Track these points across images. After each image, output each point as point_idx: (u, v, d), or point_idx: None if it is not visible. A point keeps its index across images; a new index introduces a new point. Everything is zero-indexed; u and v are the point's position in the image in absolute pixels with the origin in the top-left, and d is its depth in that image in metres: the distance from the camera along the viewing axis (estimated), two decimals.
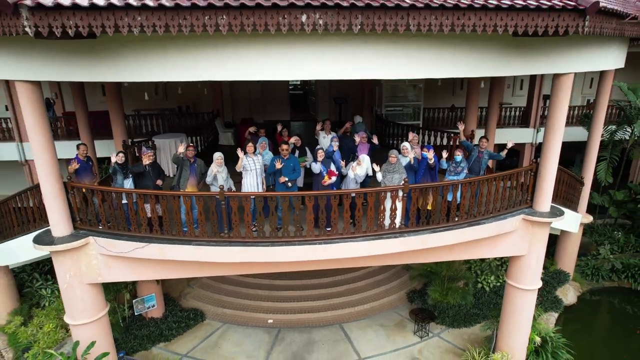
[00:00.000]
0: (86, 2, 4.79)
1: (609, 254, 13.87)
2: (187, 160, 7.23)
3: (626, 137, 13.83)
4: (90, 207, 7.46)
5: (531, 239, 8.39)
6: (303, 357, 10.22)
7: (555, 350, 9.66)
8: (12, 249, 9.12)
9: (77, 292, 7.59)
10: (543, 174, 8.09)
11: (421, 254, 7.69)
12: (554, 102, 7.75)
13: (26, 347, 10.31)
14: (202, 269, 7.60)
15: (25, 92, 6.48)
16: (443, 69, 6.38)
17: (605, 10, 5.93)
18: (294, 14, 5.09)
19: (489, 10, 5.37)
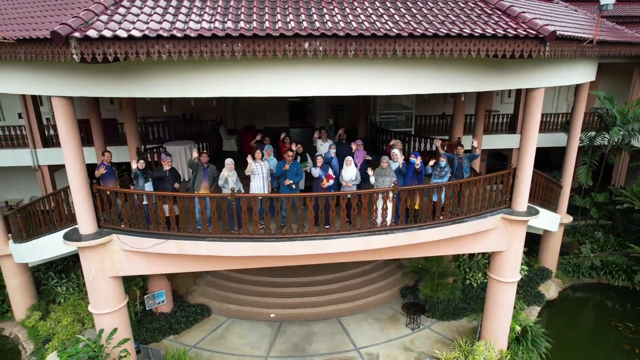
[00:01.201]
0: (125, 34, 5.77)
1: (590, 253, 14.92)
2: (201, 165, 8.21)
3: (605, 142, 14.89)
4: (113, 208, 8.41)
5: (510, 236, 9.39)
6: (303, 347, 11.13)
7: (535, 339, 10.63)
8: (37, 247, 10.05)
9: (101, 284, 8.51)
10: (520, 177, 9.10)
11: (410, 248, 8.68)
12: (528, 113, 8.80)
13: (46, 339, 11.19)
14: (214, 263, 8.55)
15: (60, 106, 7.44)
16: (427, 86, 7.39)
17: (563, 37, 6.97)
18: (298, 42, 6.09)
19: (463, 38, 6.39)
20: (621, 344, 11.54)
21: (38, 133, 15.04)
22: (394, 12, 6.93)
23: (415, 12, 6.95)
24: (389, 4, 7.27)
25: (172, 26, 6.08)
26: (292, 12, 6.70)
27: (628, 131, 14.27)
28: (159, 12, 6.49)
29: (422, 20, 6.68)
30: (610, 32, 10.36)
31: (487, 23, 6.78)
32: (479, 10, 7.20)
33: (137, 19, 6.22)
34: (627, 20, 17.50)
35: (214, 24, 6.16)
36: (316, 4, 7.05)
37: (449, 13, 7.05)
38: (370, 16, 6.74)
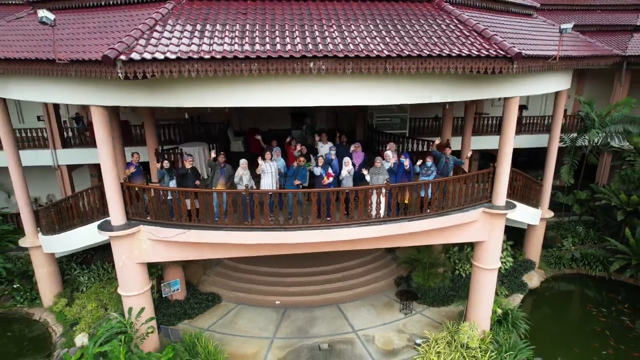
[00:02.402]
0: (162, 56, 7.07)
1: (571, 246, 16.30)
2: (219, 164, 9.51)
3: (585, 143, 16.23)
4: (140, 202, 9.71)
5: (490, 227, 10.71)
6: (306, 330, 12.44)
7: (515, 321, 11.95)
8: (68, 238, 11.34)
9: (129, 269, 9.81)
10: (498, 175, 10.43)
11: (401, 238, 10.00)
12: (505, 118, 10.13)
13: (73, 323, 12.50)
14: (229, 250, 9.86)
15: (98, 114, 8.73)
16: (414, 97, 8.71)
17: (529, 56, 8.29)
18: (304, 62, 7.40)
19: (443, 57, 7.70)
20: (594, 326, 12.89)
21: (58, 135, 16.30)
22: (385, 35, 8.25)
23: (404, 35, 8.26)
24: (381, 27, 8.58)
25: (199, 48, 7.39)
26: (299, 35, 8.01)
27: (606, 133, 15.61)
28: (186, 35, 7.79)
29: (409, 42, 8.00)
30: (580, 46, 11.66)
31: (464, 44, 8.10)
32: (458, 32, 8.51)
33: (169, 42, 7.52)
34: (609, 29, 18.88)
35: (234, 46, 7.47)
36: (319, 27, 8.35)
37: (432, 35, 8.37)
38: (365, 38, 8.05)
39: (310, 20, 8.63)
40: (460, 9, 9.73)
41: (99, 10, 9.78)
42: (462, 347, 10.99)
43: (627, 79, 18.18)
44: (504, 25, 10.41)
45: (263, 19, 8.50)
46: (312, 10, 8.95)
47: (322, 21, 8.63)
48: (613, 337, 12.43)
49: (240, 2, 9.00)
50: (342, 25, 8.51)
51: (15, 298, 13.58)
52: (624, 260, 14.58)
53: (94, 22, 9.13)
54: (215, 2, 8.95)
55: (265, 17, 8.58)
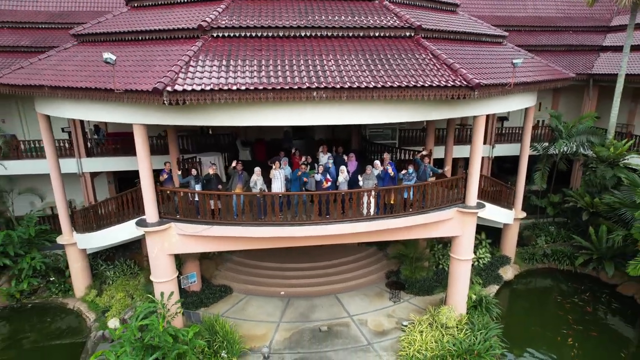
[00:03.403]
0: (199, 87, 9.30)
1: (544, 244, 18.58)
2: (237, 172, 11.73)
3: (555, 152, 18.54)
4: (171, 203, 11.89)
5: (464, 224, 12.95)
6: (308, 315, 14.58)
7: (488, 306, 14.14)
8: (103, 235, 13.48)
9: (161, 260, 11.96)
10: (469, 180, 12.68)
11: (387, 232, 12.21)
12: (474, 132, 12.41)
13: (104, 310, 14.58)
14: (245, 243, 12.04)
15: (139, 130, 10.93)
16: (397, 117, 10.97)
17: (487, 85, 10.57)
18: (309, 92, 9.65)
19: (418, 88, 9.98)
20: (558, 312, 15.12)
21: (83, 145, 18.42)
22: (373, 68, 10.52)
23: (387, 68, 10.53)
24: (370, 60, 10.85)
25: (227, 81, 9.63)
26: (304, 68, 10.27)
27: (573, 143, 17.94)
28: (215, 69, 10.02)
29: (392, 74, 10.27)
30: (539, 71, 13.94)
31: (435, 75, 10.38)
32: (432, 66, 10.78)
33: (203, 75, 9.74)
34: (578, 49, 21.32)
35: (254, 79, 9.72)
36: (319, 61, 10.59)
37: (410, 68, 10.64)
38: (357, 71, 10.32)
39: (312, 54, 10.88)
40: (436, 43, 12.03)
41: (137, 44, 12.00)
42: (442, 327, 13.16)
43: (594, 93, 20.62)
44: (474, 55, 12.71)
45: (275, 54, 10.75)
46: (313, 46, 11.21)
47: (322, 55, 10.89)
48: (574, 320, 14.67)
49: (256, 40, 11.25)
50: (338, 59, 10.76)
51: (51, 290, 15.66)
52: (587, 255, 16.85)
53: (135, 55, 11.33)
54: (235, 40, 11.19)
55: (277, 53, 10.82)
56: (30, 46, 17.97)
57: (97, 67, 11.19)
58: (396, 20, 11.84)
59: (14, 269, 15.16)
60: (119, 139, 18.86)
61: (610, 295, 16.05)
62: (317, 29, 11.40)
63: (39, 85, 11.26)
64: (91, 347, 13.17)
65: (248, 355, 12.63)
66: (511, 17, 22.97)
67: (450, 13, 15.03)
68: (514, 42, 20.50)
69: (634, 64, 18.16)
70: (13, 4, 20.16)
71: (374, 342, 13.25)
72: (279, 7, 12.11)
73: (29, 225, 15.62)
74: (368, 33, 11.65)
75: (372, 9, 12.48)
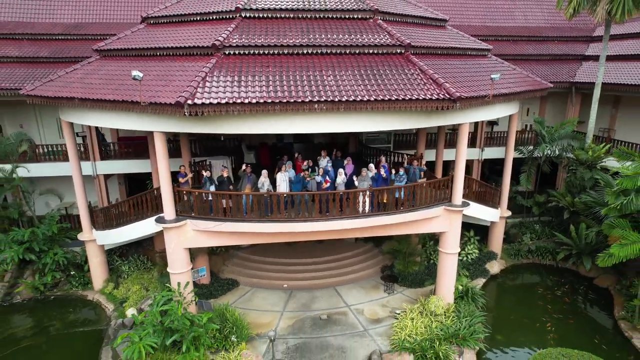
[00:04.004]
0: (215, 101, 10.86)
1: (529, 241, 20.16)
2: (246, 174, 13.28)
3: (539, 155, 20.13)
4: (187, 202, 13.43)
5: (450, 221, 14.51)
6: (309, 306, 16.11)
7: (474, 296, 15.69)
8: (122, 232, 15.01)
9: (177, 253, 13.49)
10: (455, 181, 14.25)
11: (381, 228, 13.76)
12: (459, 138, 13.96)
13: (122, 301, 16.09)
14: (254, 238, 13.59)
15: (159, 137, 12.48)
16: (389, 125, 12.54)
17: (468, 97, 12.14)
18: (311, 104, 11.21)
19: (406, 100, 11.55)
20: (539, 302, 16.69)
21: (97, 148, 19.94)
22: (367, 82, 12.08)
23: (380, 82, 12.10)
24: (364, 75, 12.41)
25: (239, 95, 11.18)
26: (307, 82, 11.83)
27: (555, 147, 19.53)
28: (228, 85, 11.57)
29: (384, 88, 11.84)
30: (519, 82, 15.51)
31: (422, 89, 11.96)
32: (419, 80, 12.35)
33: (218, 90, 11.30)
34: (562, 58, 22.94)
35: (263, 93, 11.28)
36: (320, 76, 12.15)
37: (400, 82, 12.21)
38: (353, 85, 11.89)
39: (313, 70, 12.44)
40: (425, 59, 13.59)
41: (156, 60, 13.52)
42: (431, 315, 14.71)
43: (577, 100, 22.26)
44: (459, 69, 14.28)
45: (281, 70, 12.31)
46: (314, 62, 12.77)
47: (322, 71, 12.46)
48: (553, 310, 16.24)
49: (263, 57, 12.79)
50: (336, 74, 12.33)
51: (71, 283, 17.19)
52: (567, 251, 18.44)
53: (155, 70, 12.86)
54: (245, 57, 12.74)
55: (282, 68, 12.38)
56: (49, 57, 19.48)
57: (121, 81, 12.74)
58: (388, 38, 13.42)
59: (38, 263, 16.66)
60: (131, 144, 20.39)
61: (587, 287, 17.65)
62: (318, 47, 12.96)
63: (70, 97, 12.80)
64: (112, 333, 14.66)
65: (255, 340, 14.15)
66: (500, 27, 24.58)
67: (439, 28, 16.63)
68: (502, 52, 22.27)
69: (611, 73, 19.77)
70: (30, 16, 21.70)
71: (369, 329, 14.79)
72: (284, 26, 13.67)
73: (51, 223, 17.11)
74: (363, 50, 13.22)
75: (366, 27, 14.05)
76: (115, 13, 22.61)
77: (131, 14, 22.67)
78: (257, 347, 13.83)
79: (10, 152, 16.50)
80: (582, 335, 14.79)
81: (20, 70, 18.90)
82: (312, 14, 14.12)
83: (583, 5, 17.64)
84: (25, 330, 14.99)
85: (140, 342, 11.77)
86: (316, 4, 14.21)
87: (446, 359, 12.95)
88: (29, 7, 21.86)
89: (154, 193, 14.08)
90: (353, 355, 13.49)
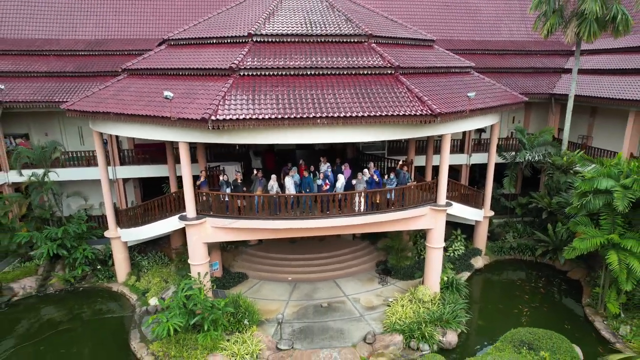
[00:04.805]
0: (235, 117, 13.27)
1: (512, 239, 22.56)
2: (258, 178, 15.71)
3: (521, 160, 22.56)
4: (206, 202, 15.83)
5: (435, 219, 16.92)
6: (311, 295, 18.47)
7: (458, 287, 18.06)
8: (143, 230, 17.40)
9: (198, 247, 15.86)
10: (439, 184, 16.67)
11: (375, 225, 16.18)
12: (442, 146, 16.39)
13: (144, 291, 18.44)
14: (264, 233, 16.01)
15: (184, 146, 14.90)
16: (380, 136, 14.99)
17: (447, 112, 14.55)
18: (315, 120, 13.63)
19: (394, 116, 13.98)
20: (516, 292, 19.08)
21: (117, 154, 22.33)
22: (362, 99, 14.51)
23: (372, 100, 14.52)
24: (359, 93, 14.83)
25: (254, 111, 13.59)
26: (311, 100, 14.24)
27: (535, 153, 21.96)
28: (244, 103, 13.98)
29: (375, 105, 14.27)
30: (497, 97, 17.98)
31: (408, 106, 14.38)
32: (406, 98, 14.78)
33: (236, 107, 13.71)
34: (543, 71, 25.43)
35: (273, 110, 13.69)
36: (322, 94, 14.58)
37: (389, 99, 14.64)
38: (349, 102, 14.31)
39: (316, 89, 14.86)
40: (412, 78, 16.03)
41: (179, 79, 15.93)
42: (419, 302, 17.09)
43: (557, 109, 24.76)
44: (443, 86, 16.72)
45: (288, 89, 14.72)
46: (317, 82, 15.18)
47: (323, 89, 14.88)
48: (530, 299, 18.63)
49: (273, 77, 15.19)
50: (335, 93, 14.75)
51: (97, 276, 19.56)
52: (544, 247, 20.86)
53: (180, 88, 15.24)
54: (258, 77, 15.14)
55: (290, 88, 14.79)
56: (75, 71, 21.93)
57: (150, 98, 15.16)
58: (380, 60, 15.86)
59: (68, 258, 19.01)
60: (147, 150, 22.79)
61: (561, 279, 20.06)
62: (320, 69, 15.39)
63: (106, 112, 15.21)
64: (138, 318, 17.01)
65: (265, 324, 16.50)
66: (487, 41, 27.11)
67: (427, 48, 19.11)
68: (489, 65, 24.80)
69: (585, 86, 22.26)
70: (55, 33, 24.17)
71: (365, 315, 17.15)
72: (290, 49, 16.09)
73: (80, 222, 19.48)
74: (358, 71, 15.66)
75: (361, 49, 16.49)
76: (132, 30, 25.09)
77: (146, 30, 25.16)
78: (266, 330, 16.17)
79: (44, 158, 18.83)
80: (553, 319, 17.12)
81: (49, 84, 21.34)
82: (314, 38, 16.55)
83: (556, 27, 20.12)
84: (61, 316, 17.34)
85: (168, 322, 14.12)
86: (318, 30, 16.65)
87: (431, 338, 15.33)
88: (54, 24, 24.36)
89: (176, 194, 16.48)
90: (350, 336, 15.83)
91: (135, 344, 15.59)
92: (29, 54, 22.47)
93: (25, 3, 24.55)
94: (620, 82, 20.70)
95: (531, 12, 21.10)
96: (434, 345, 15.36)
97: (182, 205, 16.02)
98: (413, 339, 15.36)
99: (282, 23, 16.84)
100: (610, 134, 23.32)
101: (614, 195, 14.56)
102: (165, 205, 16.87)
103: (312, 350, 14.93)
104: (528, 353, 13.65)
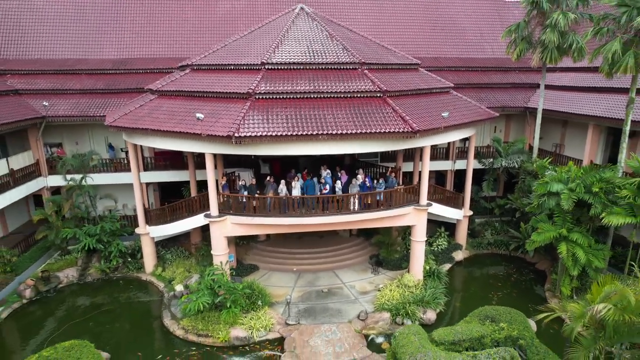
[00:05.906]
0: (253, 134, 17.18)
1: (490, 236, 26.49)
2: (270, 182, 19.61)
3: (498, 166, 26.48)
4: (226, 202, 19.71)
5: (418, 217, 20.82)
6: (314, 283, 22.35)
7: (439, 275, 21.94)
8: (171, 227, 21.28)
9: (220, 240, 19.74)
10: (421, 187, 20.58)
11: (367, 221, 20.11)
12: (423, 155, 20.30)
13: (170, 280, 22.29)
14: (275, 228, 19.93)
15: (209, 156, 18.80)
16: (369, 148, 18.88)
17: (425, 129, 18.44)
18: (317, 136, 17.54)
19: (381, 133, 17.90)
20: (490, 280, 22.98)
21: (141, 161, 26.17)
22: (355, 118, 18.41)
23: (363, 119, 18.43)
24: (352, 113, 18.73)
25: (268, 129, 17.48)
26: (314, 119, 18.14)
27: (509, 159, 25.89)
28: (260, 122, 17.85)
29: (366, 123, 18.17)
30: (472, 113, 21.88)
31: (393, 124, 18.28)
32: (392, 117, 18.68)
33: (254, 125, 17.59)
34: (520, 86, 29.38)
35: (284, 128, 17.58)
36: (322, 114, 18.47)
37: (377, 118, 18.54)
38: (345, 121, 18.20)
39: (318, 109, 18.76)
40: (397, 100, 19.93)
41: (203, 100, 19.78)
42: (405, 287, 20.97)
43: (532, 121, 28.69)
44: (424, 105, 20.63)
45: (295, 110, 18.60)
46: (318, 104, 19.07)
47: (323, 110, 18.78)
48: (502, 286, 22.51)
49: (283, 100, 19.06)
50: (333, 113, 18.65)
51: (128, 267, 23.45)
52: (517, 242, 24.78)
53: (205, 109, 19.09)
54: (270, 100, 19.00)
55: (296, 109, 18.67)
56: (104, 89, 25.83)
57: (181, 117, 19.04)
58: (371, 85, 19.77)
59: (104, 251, 22.86)
60: (168, 158, 26.63)
61: (530, 270, 23.98)
62: (321, 93, 19.29)
63: (144, 129, 19.07)
64: (167, 301, 20.85)
65: (275, 305, 20.36)
66: (472, 58, 31.09)
67: (412, 71, 23.06)
68: (473, 81, 28.79)
69: (554, 101, 26.21)
70: (82, 53, 28.08)
71: (359, 298, 21.04)
72: (295, 75, 19.98)
73: (114, 221, 23.34)
74: (353, 95, 19.57)
75: (355, 75, 20.40)
76: (151, 49, 29.02)
77: (163, 50, 29.08)
78: (276, 309, 20.03)
79: (83, 165, 22.69)
80: (519, 302, 20.92)
81: (84, 99, 25.25)
82: (316, 66, 20.46)
83: (524, 52, 24.08)
84: (101, 300, 21.20)
85: (198, 300, 17.98)
86: (319, 58, 20.55)
87: (413, 315, 19.21)
88: (82, 45, 28.29)
89: (199, 196, 20.39)
90: (347, 314, 19.70)
91: (167, 321, 19.43)
92: (64, 73, 26.36)
93: (56, 26, 28.46)
94: (581, 98, 24.65)
95: (503, 39, 25.06)
96: (415, 321, 19.22)
97: (205, 206, 19.91)
98: (399, 316, 19.22)
99: (288, 52, 20.76)
100: (579, 143, 27.20)
101: (561, 197, 18.47)
102: (191, 205, 20.76)
103: (315, 325, 18.79)
104: (490, 324, 17.52)
